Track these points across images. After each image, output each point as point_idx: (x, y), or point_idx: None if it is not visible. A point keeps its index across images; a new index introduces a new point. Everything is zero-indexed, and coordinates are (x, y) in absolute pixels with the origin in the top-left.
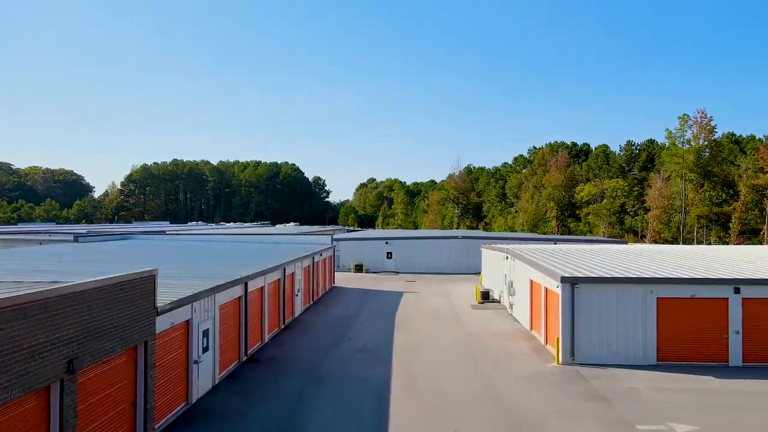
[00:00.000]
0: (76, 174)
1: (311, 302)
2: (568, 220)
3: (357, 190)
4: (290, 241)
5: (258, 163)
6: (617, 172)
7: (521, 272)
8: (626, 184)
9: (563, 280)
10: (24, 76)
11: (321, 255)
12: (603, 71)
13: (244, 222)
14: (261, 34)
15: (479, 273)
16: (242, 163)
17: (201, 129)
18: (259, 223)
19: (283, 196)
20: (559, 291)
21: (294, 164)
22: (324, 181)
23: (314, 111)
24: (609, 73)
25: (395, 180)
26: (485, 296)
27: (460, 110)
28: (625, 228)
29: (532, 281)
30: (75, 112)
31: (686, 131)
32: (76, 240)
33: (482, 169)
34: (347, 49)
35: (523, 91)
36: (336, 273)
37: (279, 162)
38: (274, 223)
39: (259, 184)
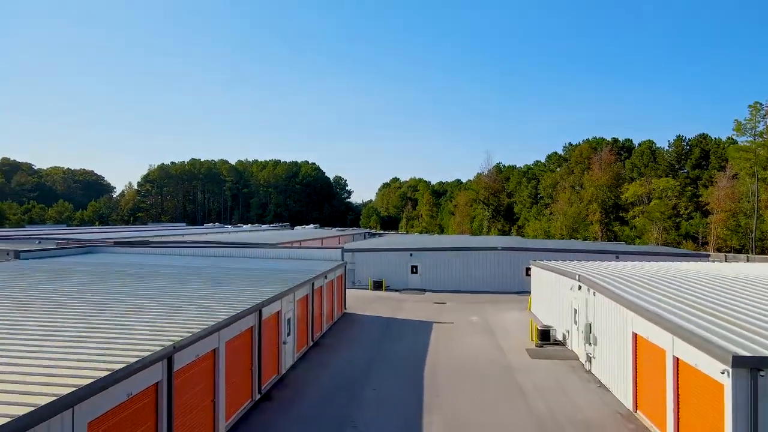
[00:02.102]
0: (96, 174)
1: (310, 344)
2: (614, 224)
3: (380, 190)
4: (290, 256)
5: (277, 163)
6: (666, 170)
7: (610, 315)
8: (677, 183)
9: (737, 362)
10: (46, 78)
11: (326, 277)
12: (644, 64)
13: (263, 223)
14: (282, 33)
15: (523, 292)
16: (261, 162)
17: (220, 128)
18: (277, 224)
19: (303, 196)
20: (725, 380)
21: (314, 163)
22: (345, 180)
23: (335, 109)
24: (650, 65)
25: (420, 179)
26: (545, 336)
27: (486, 106)
28: (681, 233)
29: (638, 336)
30: (97, 113)
31: (759, 122)
32: (17, 257)
33: (513, 167)
34: (369, 47)
35: (555, 85)
36: (351, 290)
37: (299, 161)
38: (293, 225)
39: (278, 184)
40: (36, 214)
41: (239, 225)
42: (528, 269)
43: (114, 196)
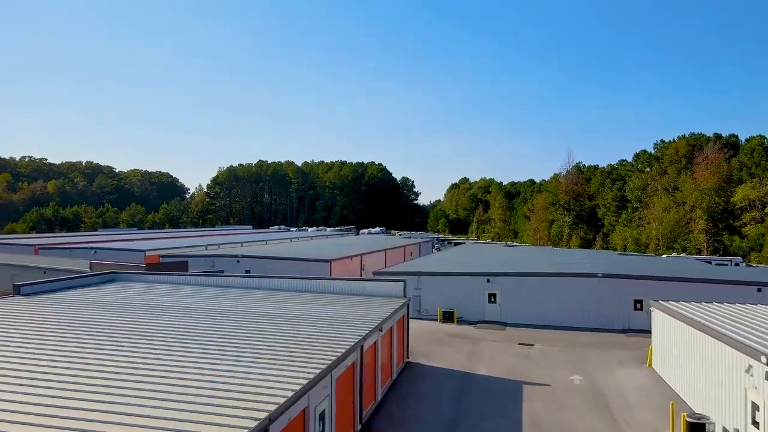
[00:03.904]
0: (171, 176)
1: (357, 428)
2: (723, 234)
3: (448, 190)
4: (341, 291)
5: (343, 164)
6: None
7: None
8: None
9: None
10: (127, 89)
11: (382, 329)
12: (748, 49)
13: (328, 226)
14: (346, 34)
15: (630, 331)
16: (327, 163)
17: (287, 129)
18: (342, 228)
19: (369, 198)
20: None
21: (380, 164)
22: (412, 182)
23: (402, 107)
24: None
25: (491, 180)
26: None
27: (562, 99)
28: None
29: None
30: (173, 117)
31: None
32: (17, 291)
33: (595, 167)
34: (435, 44)
35: (641, 75)
36: (417, 321)
37: (365, 162)
38: (358, 228)
39: (344, 185)
40: (110, 217)
41: (304, 228)
42: (637, 303)
43: (186, 197)
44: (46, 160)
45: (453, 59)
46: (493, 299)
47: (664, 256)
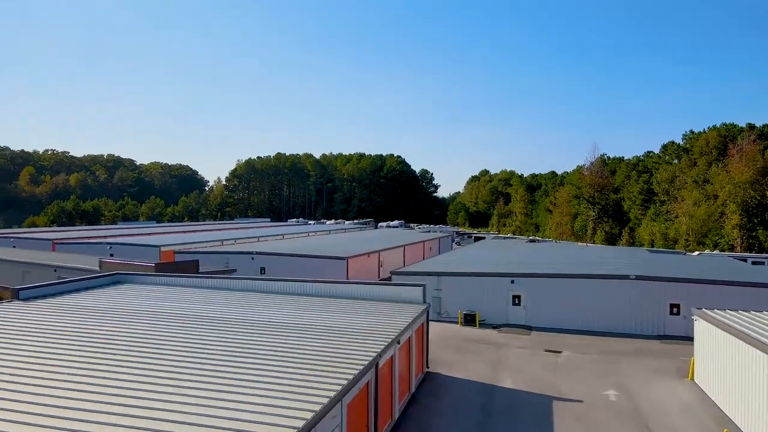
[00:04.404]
0: (191, 169)
1: None
2: (758, 229)
3: (468, 183)
4: (356, 296)
5: (361, 156)
6: None
7: None
8: None
9: None
10: (148, 82)
11: (399, 342)
12: None
13: (347, 219)
14: (365, 25)
15: (666, 338)
16: (345, 155)
17: (305, 121)
18: (361, 221)
19: (388, 191)
20: None
21: (399, 156)
22: (432, 174)
23: (422, 99)
24: None
25: (512, 172)
26: None
27: (585, 91)
28: None
29: None
30: (194, 110)
31: None
32: (16, 296)
33: (620, 159)
34: (457, 33)
35: (666, 63)
36: (437, 324)
37: (384, 154)
38: (377, 221)
39: (363, 178)
40: (129, 210)
41: (322, 221)
42: (674, 307)
43: (205, 190)
44: (69, 153)
45: (474, 50)
46: (517, 301)
47: (696, 252)
